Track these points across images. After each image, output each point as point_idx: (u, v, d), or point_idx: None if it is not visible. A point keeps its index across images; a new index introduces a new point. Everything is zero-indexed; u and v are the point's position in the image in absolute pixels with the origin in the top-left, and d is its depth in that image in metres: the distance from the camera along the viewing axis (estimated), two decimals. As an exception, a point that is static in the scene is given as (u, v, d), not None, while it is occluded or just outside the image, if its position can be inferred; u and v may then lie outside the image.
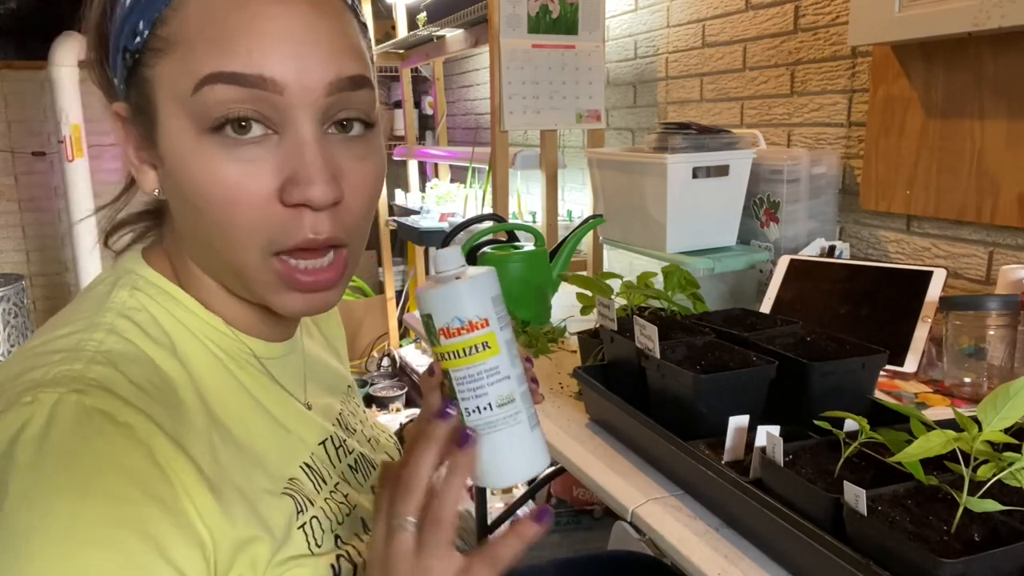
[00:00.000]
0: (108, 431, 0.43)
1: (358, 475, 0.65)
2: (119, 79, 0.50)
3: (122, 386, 0.46)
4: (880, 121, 1.36)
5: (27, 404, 0.42)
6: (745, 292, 1.48)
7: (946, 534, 0.57)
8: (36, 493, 0.40)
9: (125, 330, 0.50)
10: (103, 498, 0.41)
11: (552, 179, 2.11)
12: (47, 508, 0.39)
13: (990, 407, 0.59)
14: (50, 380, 0.44)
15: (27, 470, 0.40)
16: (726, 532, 0.73)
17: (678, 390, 0.83)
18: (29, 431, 0.41)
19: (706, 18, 1.86)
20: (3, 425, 0.42)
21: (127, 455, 0.43)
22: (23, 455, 0.41)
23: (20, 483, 0.40)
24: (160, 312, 0.52)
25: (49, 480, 0.40)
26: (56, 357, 0.46)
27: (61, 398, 0.43)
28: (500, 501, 2.21)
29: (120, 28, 0.48)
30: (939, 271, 1.13)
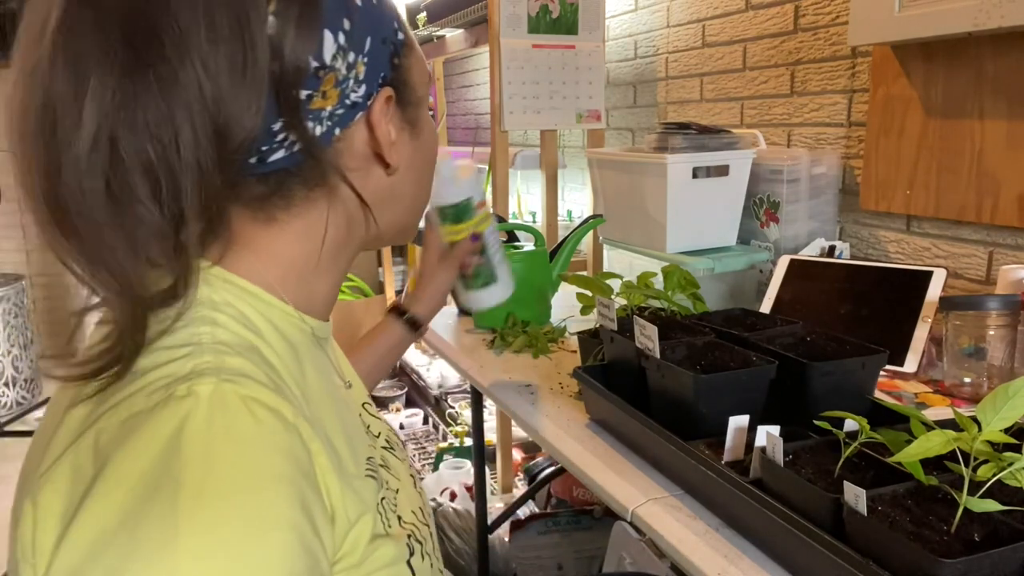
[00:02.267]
0: (264, 417, 0.44)
1: (395, 451, 0.67)
2: (379, 66, 0.54)
3: (258, 373, 0.47)
4: (880, 121, 1.36)
5: (183, 397, 0.42)
6: (745, 292, 1.48)
7: (946, 534, 0.57)
8: (212, 483, 0.40)
9: (225, 323, 0.50)
10: (277, 483, 0.42)
11: (552, 179, 2.11)
12: (226, 498, 0.40)
13: (990, 407, 0.59)
14: (193, 372, 0.44)
15: (199, 462, 0.40)
16: (726, 532, 0.73)
17: (678, 390, 0.83)
18: (193, 423, 0.42)
19: (706, 18, 1.86)
20: (163, 419, 0.42)
21: (284, 438, 0.44)
22: (191, 447, 0.41)
23: (193, 475, 0.40)
24: (242, 304, 0.52)
25: (222, 473, 0.41)
26: (181, 352, 0.46)
27: (217, 388, 0.43)
28: (500, 501, 2.21)
29: (380, 23, 0.54)
30: (939, 271, 1.13)
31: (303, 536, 0.43)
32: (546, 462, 2.19)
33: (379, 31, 0.54)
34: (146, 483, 0.40)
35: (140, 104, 0.43)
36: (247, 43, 0.45)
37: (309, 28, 0.48)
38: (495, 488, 2.32)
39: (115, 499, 0.39)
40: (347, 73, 0.51)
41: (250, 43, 0.45)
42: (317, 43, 0.49)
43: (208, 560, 0.39)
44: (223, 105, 0.44)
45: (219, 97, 0.44)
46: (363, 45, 0.52)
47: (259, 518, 0.41)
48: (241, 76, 0.45)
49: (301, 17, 0.47)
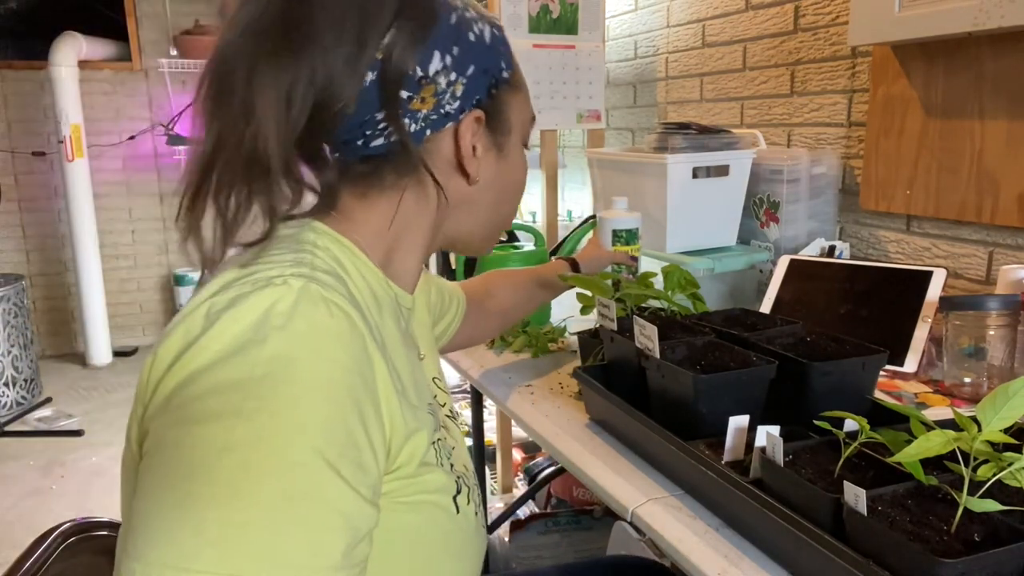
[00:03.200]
0: (338, 315, 0.53)
1: (455, 420, 0.77)
2: (475, 91, 0.65)
3: (340, 288, 0.56)
4: (880, 121, 1.36)
5: (279, 285, 0.53)
6: (745, 292, 1.48)
7: (946, 534, 0.57)
8: (284, 348, 0.49)
9: (323, 256, 0.60)
10: (332, 366, 0.51)
11: (552, 179, 2.11)
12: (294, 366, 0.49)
13: (990, 407, 0.59)
14: (293, 273, 0.54)
15: (280, 331, 0.50)
16: (726, 532, 0.74)
17: (678, 390, 0.83)
18: (283, 303, 0.51)
19: (706, 18, 1.86)
20: (262, 297, 0.52)
21: (351, 337, 0.54)
22: (278, 319, 0.51)
23: (275, 340, 0.49)
24: (338, 251, 0.63)
25: (295, 344, 0.50)
26: (287, 263, 0.56)
27: (306, 285, 0.53)
28: (500, 501, 2.21)
29: (486, 58, 0.66)
30: (939, 271, 1.13)
31: (347, 417, 0.51)
32: (546, 462, 2.19)
33: (483, 63, 0.65)
34: (236, 342, 0.49)
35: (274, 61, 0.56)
36: (360, 45, 0.58)
37: (419, 44, 0.60)
38: (495, 488, 2.32)
39: (211, 350, 0.49)
40: (446, 88, 0.63)
41: (362, 45, 0.58)
42: (425, 57, 0.61)
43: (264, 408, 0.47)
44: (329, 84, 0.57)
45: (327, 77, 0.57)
46: (466, 70, 0.64)
47: (314, 387, 0.49)
48: (347, 67, 0.58)
49: (414, 35, 0.60)
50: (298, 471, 0.47)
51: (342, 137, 0.62)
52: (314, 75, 0.57)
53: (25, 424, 3.35)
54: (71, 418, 3.38)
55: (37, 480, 2.79)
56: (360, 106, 0.59)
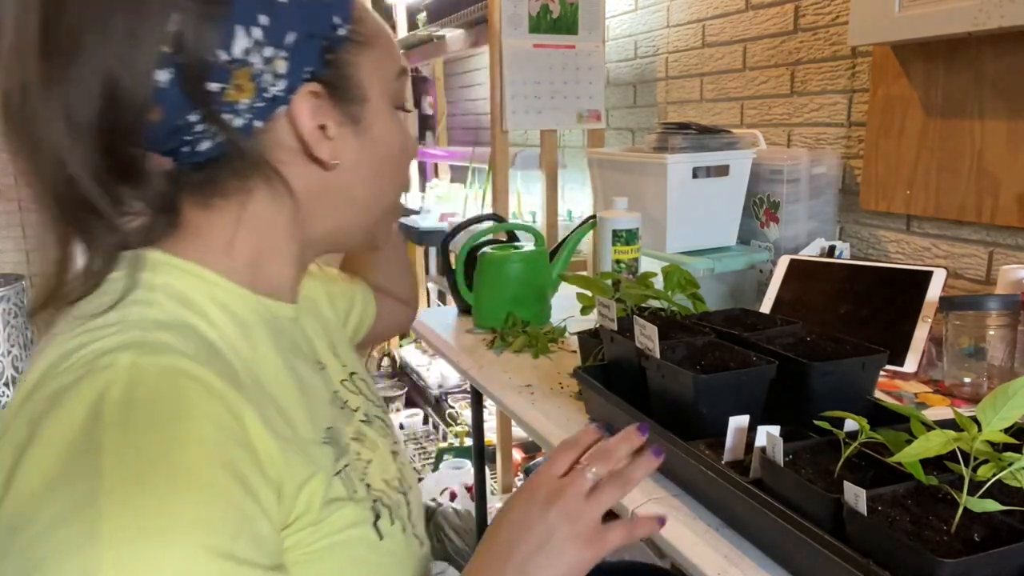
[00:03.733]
0: (185, 386, 0.46)
1: (373, 424, 0.70)
2: (304, 61, 0.55)
3: (184, 347, 0.49)
4: (880, 121, 1.36)
5: (105, 368, 0.45)
6: (745, 292, 1.48)
7: (946, 534, 0.57)
8: (131, 448, 0.42)
9: (160, 302, 0.52)
10: (197, 444, 0.44)
11: (552, 179, 2.11)
12: (145, 459, 0.42)
13: (990, 407, 0.59)
14: (118, 346, 0.47)
15: (119, 427, 0.43)
16: (726, 532, 0.73)
17: (678, 390, 0.83)
18: (114, 391, 0.44)
19: (706, 18, 1.86)
20: (85, 388, 0.44)
21: (207, 405, 0.46)
22: (112, 414, 0.43)
23: (114, 439, 0.42)
24: (185, 286, 0.55)
25: (142, 434, 0.43)
26: (111, 329, 0.49)
27: (137, 360, 0.46)
28: (500, 501, 2.21)
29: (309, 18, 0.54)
30: (939, 271, 1.13)
31: (225, 494, 0.44)
32: (546, 462, 2.19)
33: (306, 26, 0.54)
34: (70, 449, 0.42)
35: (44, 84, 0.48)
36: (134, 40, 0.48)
37: (213, 23, 0.50)
38: (495, 488, 2.32)
39: (43, 465, 0.42)
40: (264, 67, 0.53)
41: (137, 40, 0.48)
42: (225, 37, 0.50)
43: (127, 520, 0.40)
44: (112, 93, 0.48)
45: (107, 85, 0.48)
46: (283, 38, 0.53)
47: (177, 478, 0.43)
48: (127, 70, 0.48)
49: (204, 14, 0.49)
50: None
51: (163, 147, 0.53)
52: (91, 87, 0.48)
53: (25, 424, 3.35)
54: (71, 418, 3.38)
55: (37, 480, 2.78)
56: (168, 110, 0.50)
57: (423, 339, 1.53)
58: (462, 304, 1.56)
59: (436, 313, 1.66)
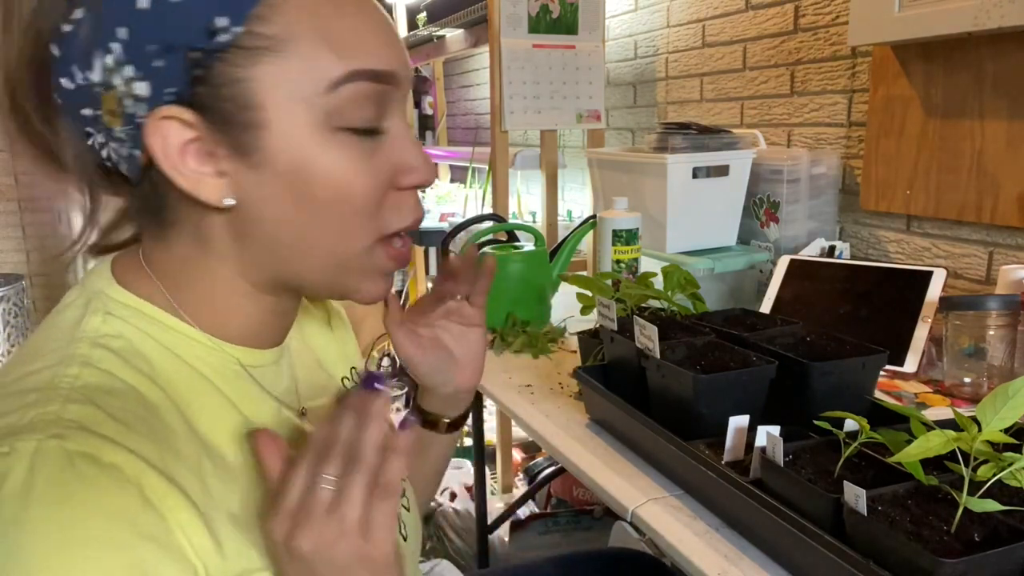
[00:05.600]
0: (93, 475, 0.41)
1: None
2: (165, 81, 0.45)
3: (104, 424, 0.44)
4: (880, 121, 1.36)
5: (4, 455, 0.40)
6: (745, 292, 1.48)
7: (946, 534, 0.57)
8: (24, 549, 0.38)
9: (101, 360, 0.47)
10: (95, 547, 0.39)
11: (552, 179, 2.11)
12: (38, 564, 0.38)
13: (989, 407, 0.59)
14: (26, 426, 0.42)
15: (11, 525, 0.38)
16: (726, 532, 0.73)
17: (678, 390, 0.83)
18: (9, 485, 0.39)
19: (706, 18, 1.86)
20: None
21: (116, 498, 0.41)
22: (5, 510, 0.39)
23: (4, 540, 0.38)
24: (137, 336, 0.50)
25: (36, 534, 0.39)
26: (30, 398, 0.44)
27: (40, 446, 0.41)
28: (500, 501, 2.21)
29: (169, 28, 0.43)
30: (939, 271, 1.13)
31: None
32: (546, 462, 2.19)
33: (167, 36, 0.44)
34: None
35: None
36: None
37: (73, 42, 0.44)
38: (495, 488, 2.32)
39: None
40: (126, 89, 0.45)
41: None
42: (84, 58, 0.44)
43: None
44: None
45: None
46: (142, 55, 0.44)
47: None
48: None
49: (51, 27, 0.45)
50: None
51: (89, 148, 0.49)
52: None
53: (25, 424, 3.35)
54: (71, 418, 3.38)
55: (37, 480, 2.78)
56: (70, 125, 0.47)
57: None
58: (462, 304, 1.55)
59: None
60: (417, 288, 3.59)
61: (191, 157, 0.47)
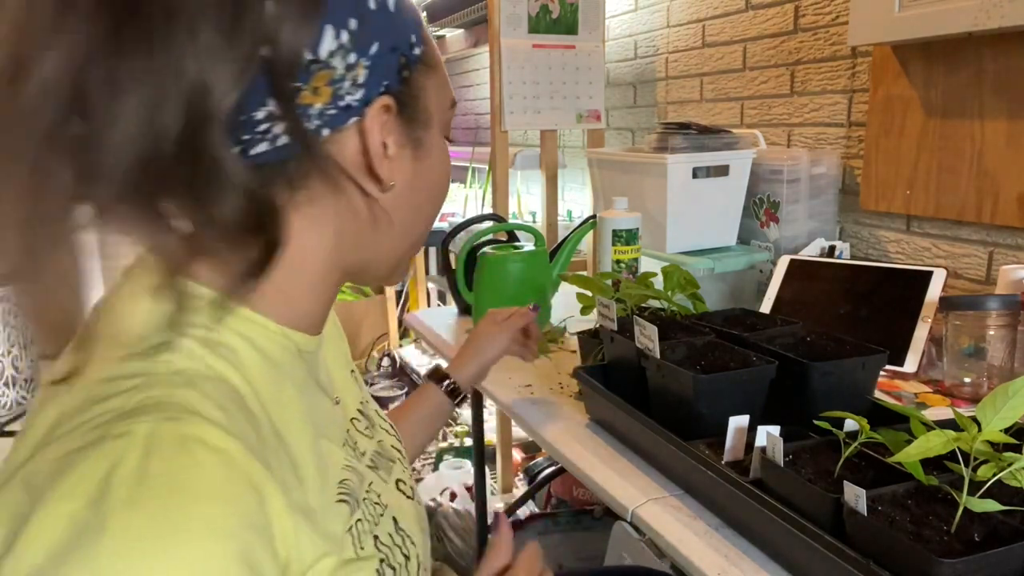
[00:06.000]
0: (205, 460, 0.42)
1: (380, 471, 0.65)
2: (383, 74, 0.51)
3: (209, 409, 0.44)
4: (880, 121, 1.36)
5: (119, 437, 0.41)
6: (745, 292, 1.48)
7: (946, 534, 0.57)
8: (137, 531, 0.38)
9: (191, 349, 0.48)
10: (212, 533, 0.40)
11: (552, 179, 2.11)
12: (151, 546, 0.38)
13: (989, 407, 0.59)
14: (136, 409, 0.42)
15: (127, 507, 0.39)
16: (726, 532, 0.74)
17: (678, 390, 0.83)
18: (126, 465, 0.40)
19: (706, 18, 1.86)
20: (97, 459, 0.40)
21: (227, 484, 0.42)
22: (121, 491, 0.39)
23: (120, 520, 0.38)
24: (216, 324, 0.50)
25: (151, 518, 0.39)
26: (132, 382, 0.44)
27: (155, 428, 0.41)
28: (500, 501, 2.21)
29: (393, 32, 0.51)
30: (939, 271, 1.13)
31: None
32: (546, 462, 2.19)
33: (390, 39, 0.51)
34: (73, 527, 0.38)
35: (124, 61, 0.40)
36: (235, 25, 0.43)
37: (308, 19, 0.46)
38: (495, 488, 2.32)
39: (41, 542, 0.38)
40: (345, 72, 0.48)
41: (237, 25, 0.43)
42: (315, 36, 0.46)
43: None
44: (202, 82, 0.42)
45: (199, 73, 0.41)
46: (368, 48, 0.49)
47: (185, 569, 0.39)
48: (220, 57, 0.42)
49: (302, 6, 0.45)
50: None
51: None
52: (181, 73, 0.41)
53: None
54: (71, 418, 3.38)
55: (37, 480, 2.78)
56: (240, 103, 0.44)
57: (423, 339, 1.53)
58: (462, 304, 1.56)
59: (436, 313, 1.66)
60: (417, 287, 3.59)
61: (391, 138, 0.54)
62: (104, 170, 0.41)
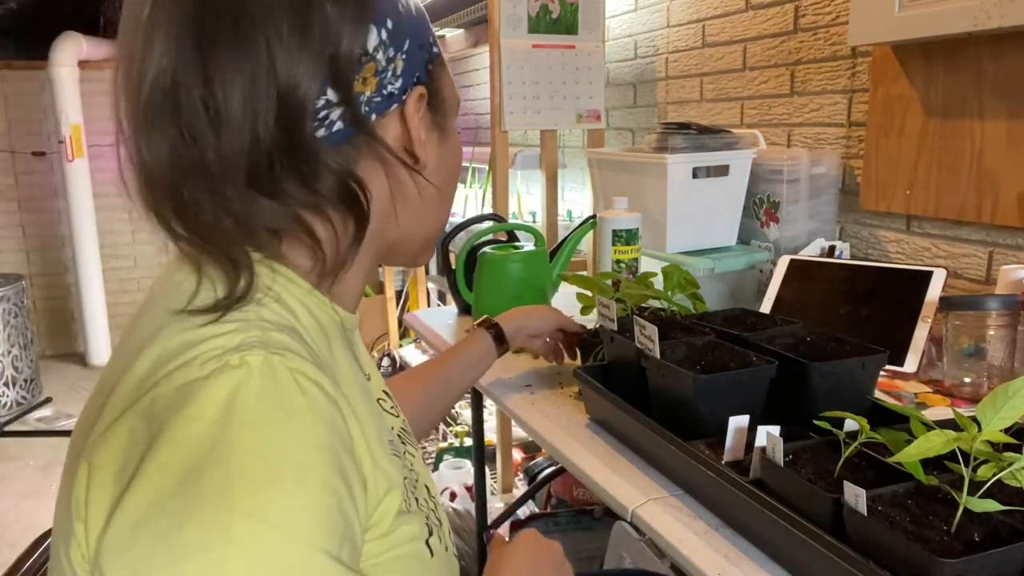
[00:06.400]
0: (309, 388, 0.47)
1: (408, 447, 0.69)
2: (415, 67, 0.58)
3: (301, 349, 0.50)
4: (880, 121, 1.36)
5: (236, 367, 0.46)
6: (745, 292, 1.48)
7: (946, 534, 0.57)
8: (263, 448, 0.43)
9: (269, 304, 0.54)
10: (320, 448, 0.46)
11: (552, 179, 2.11)
12: (276, 461, 0.43)
13: (989, 407, 0.59)
14: (242, 344, 0.47)
15: (252, 426, 0.44)
16: (726, 532, 0.74)
17: (678, 390, 0.83)
18: (247, 390, 0.45)
19: (706, 18, 1.86)
20: (218, 385, 0.45)
21: (327, 410, 0.48)
22: (245, 413, 0.44)
23: (247, 439, 0.43)
24: (279, 288, 0.55)
25: (274, 434, 0.44)
26: (229, 326, 0.49)
27: (267, 359, 0.47)
28: (500, 501, 2.21)
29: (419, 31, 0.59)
30: (939, 271, 1.13)
31: (340, 501, 0.46)
32: (546, 462, 2.19)
33: (418, 37, 0.59)
34: (202, 445, 0.43)
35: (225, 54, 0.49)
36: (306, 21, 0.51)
37: (362, 20, 0.54)
38: (495, 488, 2.32)
39: (174, 460, 0.42)
40: (386, 65, 0.56)
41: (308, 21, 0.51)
42: (364, 33, 0.54)
43: (258, 519, 0.42)
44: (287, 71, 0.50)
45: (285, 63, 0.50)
46: (403, 44, 0.57)
47: (305, 480, 0.44)
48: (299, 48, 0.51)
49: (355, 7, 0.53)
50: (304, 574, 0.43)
51: None
52: (272, 63, 0.50)
53: (25, 424, 3.35)
54: (71, 418, 3.38)
55: (37, 480, 2.79)
56: None
57: (423, 339, 1.54)
58: (462, 304, 1.56)
59: (436, 313, 1.66)
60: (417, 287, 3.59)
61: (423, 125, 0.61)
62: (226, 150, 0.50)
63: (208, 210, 0.51)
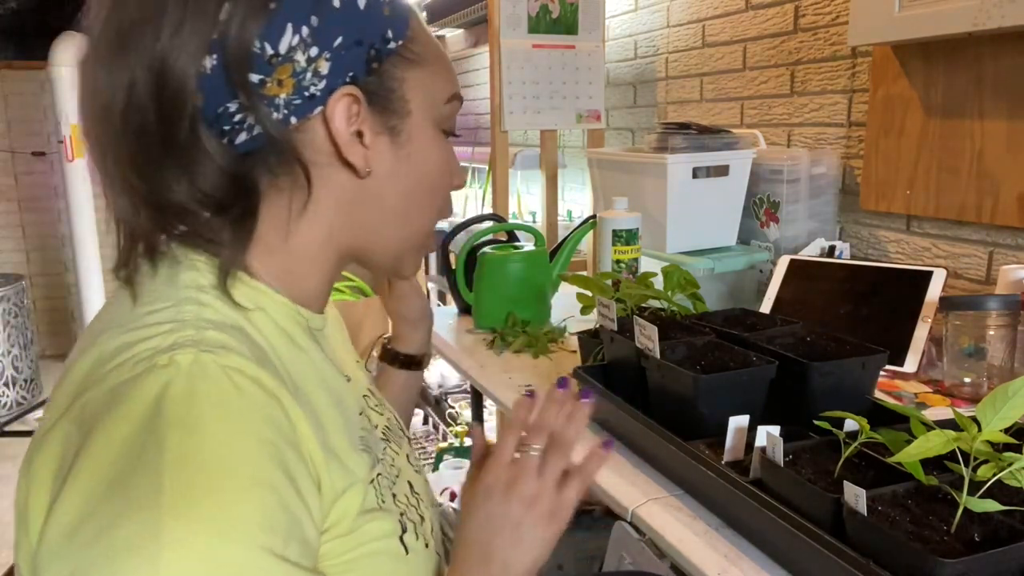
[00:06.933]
0: (245, 385, 0.47)
1: (392, 443, 0.69)
2: (348, 67, 0.55)
3: (238, 347, 0.49)
4: (880, 121, 1.36)
5: (164, 366, 0.45)
6: (745, 292, 1.48)
7: (946, 534, 0.57)
8: (193, 446, 0.43)
9: (210, 303, 0.53)
10: (256, 443, 0.45)
11: (552, 179, 2.11)
12: (207, 458, 0.43)
13: (989, 407, 0.59)
14: (174, 344, 0.47)
15: (180, 425, 0.43)
16: (726, 532, 0.74)
17: (678, 390, 0.83)
18: (175, 389, 0.44)
19: (706, 18, 1.86)
20: (146, 385, 0.45)
21: (266, 407, 0.47)
22: (174, 411, 0.44)
23: (176, 437, 0.43)
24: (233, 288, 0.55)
25: (204, 432, 0.44)
26: (164, 328, 0.49)
27: (197, 357, 0.46)
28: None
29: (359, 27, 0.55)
30: (939, 271, 1.13)
31: (283, 497, 0.45)
32: (546, 462, 2.18)
33: (355, 33, 0.55)
34: (131, 445, 0.42)
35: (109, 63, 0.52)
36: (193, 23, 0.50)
37: (261, 16, 0.51)
38: (495, 488, 2.31)
39: (103, 462, 0.42)
40: (307, 66, 0.53)
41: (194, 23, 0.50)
42: (271, 31, 0.51)
43: (190, 518, 0.41)
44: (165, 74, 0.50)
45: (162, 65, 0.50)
46: (331, 42, 0.54)
47: (239, 477, 0.43)
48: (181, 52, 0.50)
49: (253, 6, 0.51)
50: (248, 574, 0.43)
51: None
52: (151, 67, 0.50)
53: (25, 424, 3.35)
54: (71, 418, 3.38)
55: (37, 480, 2.78)
56: (209, 97, 0.51)
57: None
58: (462, 304, 1.56)
59: (436, 313, 1.65)
60: (417, 288, 3.58)
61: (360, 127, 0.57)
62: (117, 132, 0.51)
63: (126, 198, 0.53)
